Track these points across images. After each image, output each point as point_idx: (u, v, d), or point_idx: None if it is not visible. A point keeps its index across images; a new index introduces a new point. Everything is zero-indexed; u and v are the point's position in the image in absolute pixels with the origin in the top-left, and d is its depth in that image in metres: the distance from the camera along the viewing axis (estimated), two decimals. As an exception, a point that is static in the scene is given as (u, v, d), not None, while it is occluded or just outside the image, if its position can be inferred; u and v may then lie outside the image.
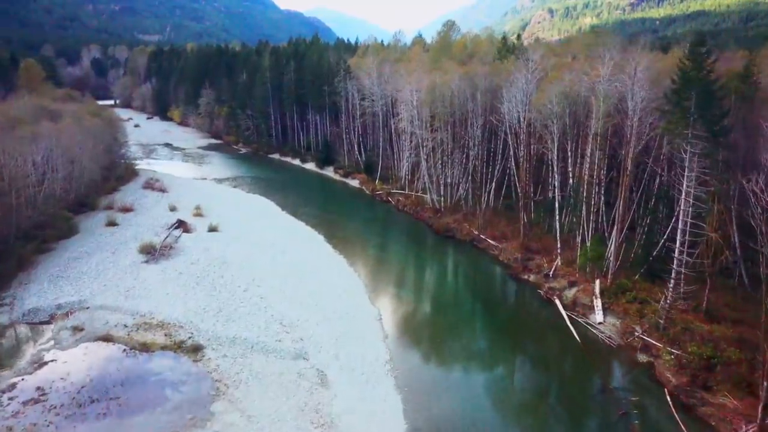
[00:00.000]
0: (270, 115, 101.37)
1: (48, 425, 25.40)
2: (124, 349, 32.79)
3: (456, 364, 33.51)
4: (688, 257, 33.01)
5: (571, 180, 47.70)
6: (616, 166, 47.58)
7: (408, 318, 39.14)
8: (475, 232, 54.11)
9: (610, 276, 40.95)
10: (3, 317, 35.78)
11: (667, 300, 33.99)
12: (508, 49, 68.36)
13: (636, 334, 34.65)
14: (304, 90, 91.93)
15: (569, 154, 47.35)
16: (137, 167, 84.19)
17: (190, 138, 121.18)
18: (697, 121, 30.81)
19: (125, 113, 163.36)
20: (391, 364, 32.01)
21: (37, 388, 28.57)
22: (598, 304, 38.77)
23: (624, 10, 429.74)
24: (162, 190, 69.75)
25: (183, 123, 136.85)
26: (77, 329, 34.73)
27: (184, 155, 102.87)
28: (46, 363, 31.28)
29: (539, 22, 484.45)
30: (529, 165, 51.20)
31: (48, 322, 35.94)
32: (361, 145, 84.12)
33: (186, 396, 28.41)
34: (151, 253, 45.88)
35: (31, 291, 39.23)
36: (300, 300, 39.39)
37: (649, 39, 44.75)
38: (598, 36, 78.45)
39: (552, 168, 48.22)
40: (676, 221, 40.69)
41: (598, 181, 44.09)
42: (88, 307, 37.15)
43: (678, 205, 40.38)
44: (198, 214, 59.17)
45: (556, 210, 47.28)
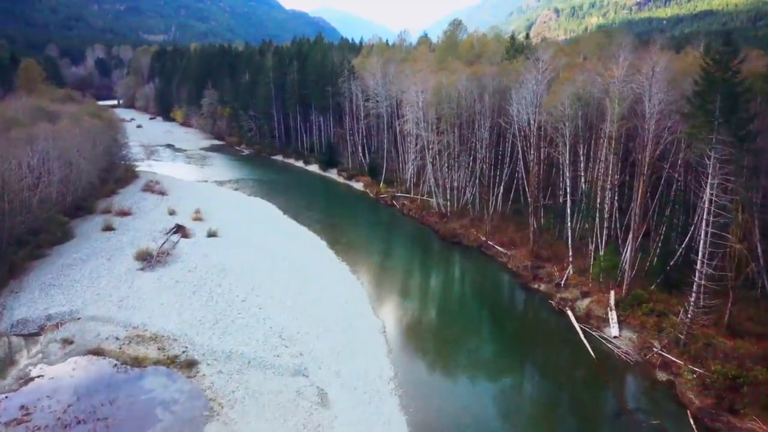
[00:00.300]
0: (273, 115, 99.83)
1: (29, 449, 23.85)
2: (115, 364, 31.17)
3: (464, 381, 31.79)
4: (710, 269, 31.09)
5: (583, 185, 45.80)
6: (629, 170, 45.73)
7: (413, 330, 37.38)
8: (483, 238, 52.32)
9: (625, 286, 39.09)
10: (-10, 329, 34.31)
11: (687, 314, 32.07)
12: (516, 48, 66.49)
13: (655, 350, 32.77)
14: (308, 90, 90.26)
15: (581, 157, 45.45)
16: (138, 169, 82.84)
17: (192, 139, 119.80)
18: (722, 125, 28.93)
19: (128, 113, 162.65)
20: (395, 381, 30.27)
21: (21, 407, 27.01)
22: (613, 316, 36.91)
23: (630, 10, 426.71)
24: (162, 193, 68.25)
25: (186, 124, 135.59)
26: (67, 342, 33.16)
27: (185, 157, 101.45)
28: (33, 379, 29.73)
29: (545, 22, 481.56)
30: (539, 169, 49.33)
31: (37, 334, 34.42)
32: (365, 147, 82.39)
33: (178, 416, 26.77)
34: (147, 260, 44.29)
35: (21, 300, 37.70)
36: (300, 310, 37.71)
37: (663, 38, 42.80)
38: (608, 35, 76.88)
39: (563, 172, 46.34)
40: (695, 229, 39.17)
41: (612, 186, 42.22)
42: (79, 318, 35.57)
43: (698, 213, 38.79)
44: (197, 218, 57.60)
45: (567, 216, 45.41)
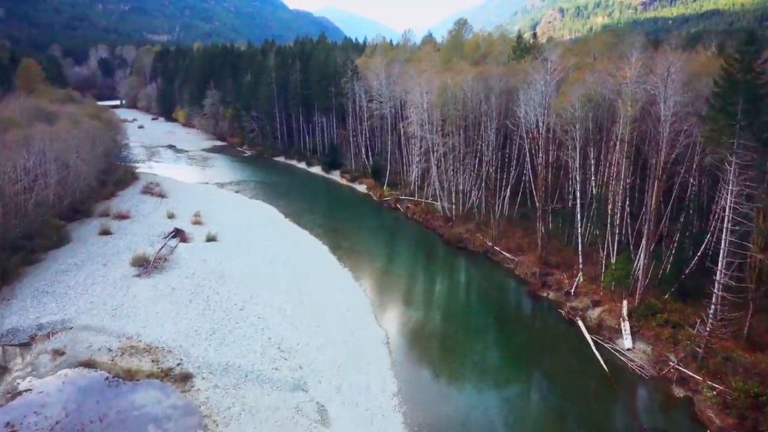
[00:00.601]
0: (275, 116, 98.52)
1: (12, 472, 22.57)
2: (107, 377, 29.92)
3: (470, 396, 30.32)
4: (731, 280, 29.57)
5: (593, 189, 44.27)
6: (639, 174, 44.23)
7: (417, 341, 35.89)
8: (489, 244, 50.82)
9: (638, 295, 37.55)
10: (-21, 339, 33.07)
11: (706, 327, 30.55)
12: (523, 48, 64.96)
13: (671, 364, 31.26)
14: (310, 91, 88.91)
15: (591, 160, 43.92)
16: (138, 170, 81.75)
17: (194, 140, 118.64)
18: (744, 128, 27.40)
19: (130, 114, 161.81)
20: (399, 397, 28.85)
21: (7, 424, 25.77)
22: (626, 327, 35.39)
23: (636, 10, 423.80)
24: (161, 196, 67.09)
25: (188, 124, 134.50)
26: (58, 353, 31.92)
27: (186, 158, 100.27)
28: (20, 393, 28.52)
29: (549, 22, 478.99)
30: (548, 172, 47.83)
31: (27, 344, 33.20)
32: (369, 149, 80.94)
33: (170, 435, 25.49)
34: (143, 265, 43.06)
35: (12, 308, 36.48)
36: (300, 320, 36.35)
37: (677, 38, 41.23)
38: (617, 35, 75.28)
39: (574, 176, 44.83)
40: (711, 236, 37.65)
41: (624, 191, 40.73)
42: (71, 328, 34.34)
43: (714, 219, 37.33)
44: (197, 221, 56.38)
45: (577, 222, 43.88)
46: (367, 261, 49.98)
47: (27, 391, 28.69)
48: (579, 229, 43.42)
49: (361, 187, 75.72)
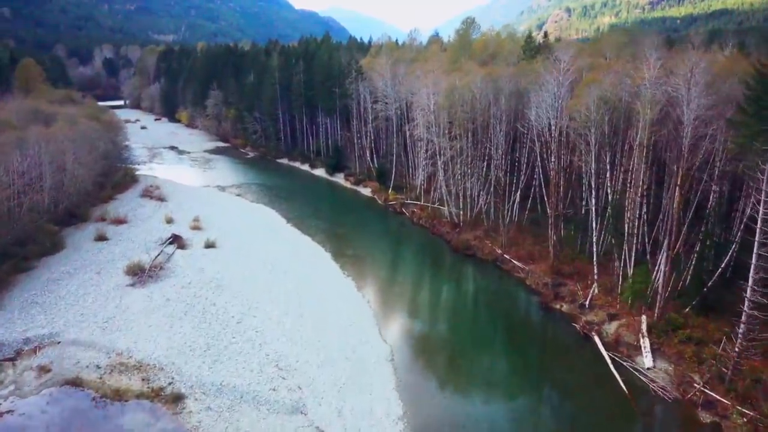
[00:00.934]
0: (278, 117, 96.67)
1: None
2: (94, 397, 28.21)
3: (482, 422, 28.23)
4: (762, 297, 27.45)
5: (609, 196, 42.16)
6: (656, 179, 42.16)
7: (424, 358, 33.87)
8: (498, 251, 48.79)
9: (657, 309, 35.47)
10: (-39, 355, 31.39)
11: (734, 347, 28.45)
12: (533, 48, 62.89)
13: (696, 386, 29.16)
14: (314, 92, 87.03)
15: (607, 166, 41.80)
16: (138, 173, 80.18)
17: (196, 141, 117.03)
18: (779, 134, 25.34)
19: (134, 114, 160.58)
20: (404, 422, 26.89)
21: (-16, 451, 24.09)
22: (645, 344, 33.31)
23: (643, 9, 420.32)
24: (160, 199, 65.42)
25: (191, 125, 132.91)
26: (44, 370, 30.22)
27: (188, 159, 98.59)
28: (1, 415, 26.77)
29: (556, 21, 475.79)
30: (560, 178, 45.78)
31: (12, 359, 31.52)
32: (374, 151, 78.97)
33: (158, 464, 23.69)
34: (138, 274, 41.33)
35: (-1, 320, 34.82)
36: (300, 334, 34.47)
37: (699, 36, 39.16)
38: (629, 34, 73.12)
39: (588, 182, 42.77)
40: (736, 247, 35.52)
41: (641, 198, 38.62)
42: (59, 342, 32.67)
43: (739, 229, 35.25)
44: (196, 226, 54.66)
45: (593, 230, 41.76)
46: (371, 269, 48.06)
47: (8, 412, 27.01)
48: (594, 238, 41.27)
49: (366, 191, 73.79)
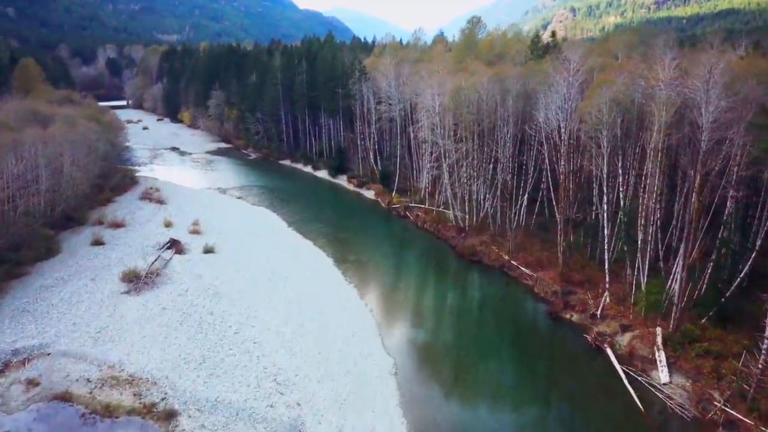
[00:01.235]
0: (281, 118, 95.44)
1: None
2: (83, 413, 26.86)
3: (489, 440, 26.86)
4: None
5: (622, 201, 40.63)
6: (669, 183, 40.68)
7: (429, 372, 32.43)
8: (505, 257, 47.34)
9: (672, 320, 33.94)
10: (-54, 367, 30.14)
11: (758, 363, 26.93)
12: (540, 48, 61.36)
13: (716, 404, 27.64)
14: (317, 92, 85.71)
15: (619, 170, 40.27)
16: (138, 174, 79.05)
17: (198, 142, 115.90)
18: (808, 140, 23.81)
19: (136, 114, 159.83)
20: (408, 442, 25.52)
21: (-36, 473, 22.80)
22: (661, 358, 31.79)
23: (649, 9, 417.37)
24: (160, 202, 64.16)
25: (193, 125, 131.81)
26: (32, 383, 28.89)
27: (189, 161, 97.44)
28: (-15, 433, 25.53)
29: (561, 21, 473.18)
30: (570, 182, 44.30)
31: (0, 371, 30.19)
32: (377, 153, 77.56)
33: (147, 488, 22.34)
34: (133, 281, 40.05)
35: (-12, 330, 33.56)
36: (300, 346, 33.09)
37: (718, 36, 37.57)
38: (639, 33, 71.59)
39: (600, 186, 41.28)
40: (756, 256, 34.03)
41: (656, 204, 37.09)
42: (49, 354, 31.32)
43: (759, 236, 33.72)
44: (195, 230, 53.38)
45: (605, 237, 40.23)
46: (374, 276, 46.65)
47: (-8, 430, 25.71)
48: (606, 245, 39.73)
49: (369, 193, 72.38)
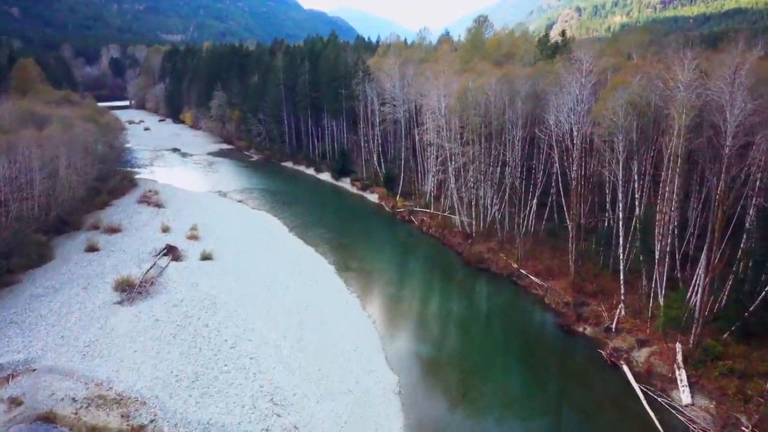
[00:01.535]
0: (283, 119, 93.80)
1: None
2: (67, 437, 25.23)
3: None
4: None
5: (637, 208, 38.74)
6: (690, 189, 38.84)
7: (434, 391, 30.68)
8: (514, 265, 45.52)
9: (693, 335, 32.07)
10: (-75, 384, 28.56)
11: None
12: (550, 47, 59.50)
13: (744, 430, 25.78)
14: (319, 93, 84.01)
15: (635, 176, 38.39)
16: (138, 176, 77.65)
17: (200, 143, 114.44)
18: None
19: (138, 115, 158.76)
20: (413, 470, 23.77)
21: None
22: (682, 377, 29.93)
23: (655, 9, 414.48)
24: (158, 206, 62.62)
25: (195, 126, 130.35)
26: (15, 402, 27.21)
27: (190, 162, 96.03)
28: (-39, 458, 23.94)
29: (566, 21, 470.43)
30: (583, 187, 42.45)
31: (-17, 389, 28.63)
32: (381, 156, 75.77)
33: None
34: (126, 291, 38.43)
35: (-27, 343, 32.00)
36: (299, 362, 31.38)
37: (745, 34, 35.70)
38: (649, 32, 69.75)
39: (615, 193, 39.41)
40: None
41: (674, 212, 35.20)
42: (34, 370, 29.71)
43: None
44: (193, 236, 51.76)
45: (619, 245, 38.36)
46: (377, 285, 44.91)
47: (-30, 455, 24.12)
48: (621, 254, 37.83)
49: (373, 197, 70.64)
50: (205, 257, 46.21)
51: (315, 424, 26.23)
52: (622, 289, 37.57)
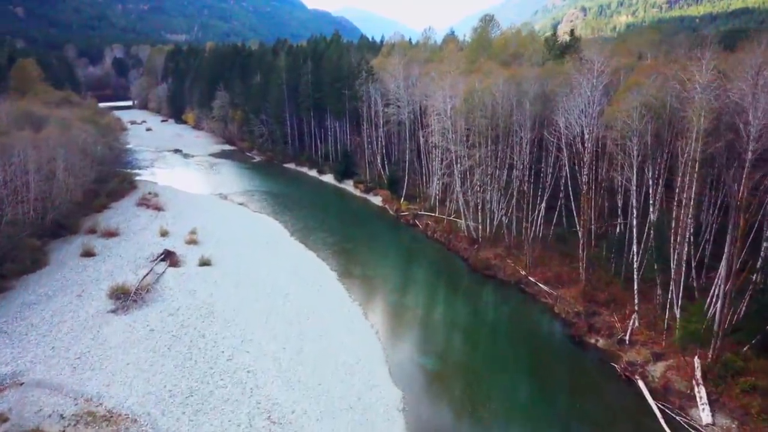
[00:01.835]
0: (285, 120, 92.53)
1: None
2: (53, 457, 23.98)
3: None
4: None
5: (651, 215, 37.22)
6: (707, 195, 37.28)
7: (440, 408, 29.24)
8: (522, 272, 44.04)
9: (712, 349, 30.51)
10: None
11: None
12: (558, 47, 57.95)
13: (770, 453, 24.29)
14: (322, 93, 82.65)
15: (649, 181, 36.87)
16: (138, 178, 76.46)
17: (202, 144, 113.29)
18: None
19: (141, 115, 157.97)
20: (418, 496, 22.34)
21: None
22: (701, 394, 28.40)
23: (661, 8, 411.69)
24: (158, 208, 61.41)
25: (197, 127, 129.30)
26: (0, 418, 26.04)
27: (192, 164, 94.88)
28: (-60, 480, 22.68)
29: (571, 21, 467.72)
30: (595, 192, 40.95)
31: (-31, 404, 27.38)
32: (385, 158, 74.34)
33: None
34: (121, 299, 37.15)
35: (-41, 355, 30.78)
36: (298, 376, 30.00)
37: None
38: (659, 32, 68.15)
39: (628, 198, 37.90)
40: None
41: (692, 220, 33.67)
42: (22, 384, 28.48)
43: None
44: (192, 240, 50.49)
45: (632, 253, 36.83)
46: (380, 292, 43.50)
47: (-50, 477, 22.86)
48: (635, 263, 36.28)
49: (376, 199, 69.24)
50: (204, 263, 44.94)
51: (314, 444, 24.87)
52: (636, 299, 36.07)
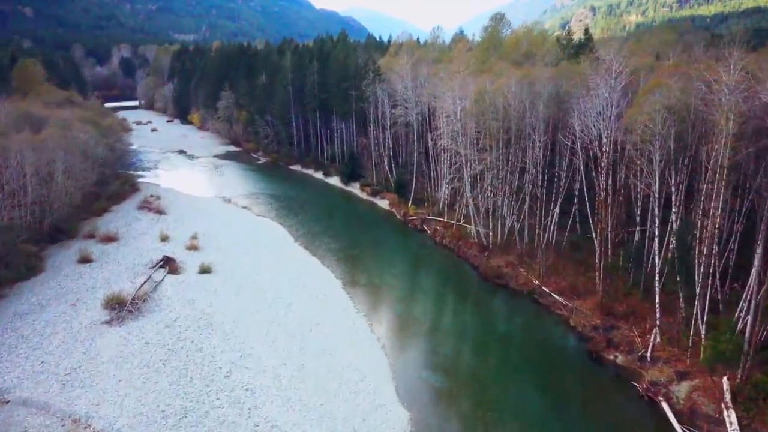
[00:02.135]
0: (291, 121, 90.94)
1: None
2: (36, 485, 22.39)
3: None
4: None
5: (674, 223, 35.22)
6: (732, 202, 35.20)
7: (452, 430, 27.46)
8: (535, 282, 42.14)
9: (741, 369, 28.52)
10: None
11: None
12: (571, 47, 55.94)
13: (811, 489, 22.30)
14: (328, 94, 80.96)
15: (672, 188, 34.87)
16: (141, 180, 75.18)
17: (207, 144, 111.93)
18: None
19: (147, 115, 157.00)
20: None
21: None
22: (731, 419, 26.41)
23: (671, 8, 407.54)
24: (159, 212, 59.91)
25: (202, 127, 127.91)
26: (-17, 441, 24.58)
27: (196, 165, 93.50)
28: None
29: (580, 20, 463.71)
30: (613, 199, 38.99)
31: (-49, 424, 25.88)
32: (392, 160, 72.52)
33: None
34: (117, 309, 35.61)
35: (-55, 369, 29.32)
36: (299, 395, 28.28)
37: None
38: (676, 31, 66.17)
39: (650, 206, 35.93)
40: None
41: (719, 230, 31.68)
42: (8, 402, 26.96)
43: None
44: (193, 246, 48.96)
45: (654, 263, 34.84)
46: (386, 302, 41.72)
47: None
48: (657, 276, 34.29)
49: (383, 203, 67.46)
50: (204, 270, 43.36)
51: (315, 473, 23.15)
52: (658, 313, 34.07)
